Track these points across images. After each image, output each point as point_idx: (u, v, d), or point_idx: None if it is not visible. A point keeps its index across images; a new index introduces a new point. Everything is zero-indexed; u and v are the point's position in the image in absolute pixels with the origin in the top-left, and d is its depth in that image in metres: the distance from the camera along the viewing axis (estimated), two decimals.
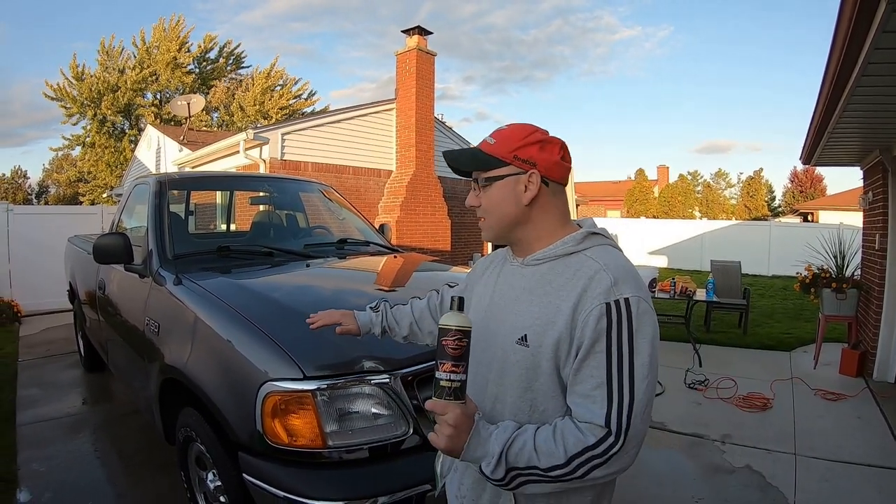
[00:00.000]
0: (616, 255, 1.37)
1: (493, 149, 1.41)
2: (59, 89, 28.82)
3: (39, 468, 4.02)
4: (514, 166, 1.39)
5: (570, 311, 1.28)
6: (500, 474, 1.24)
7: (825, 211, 27.99)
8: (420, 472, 2.23)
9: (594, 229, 1.43)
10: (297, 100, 33.43)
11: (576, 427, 1.22)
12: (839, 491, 3.68)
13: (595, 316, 1.24)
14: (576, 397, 1.26)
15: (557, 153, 1.41)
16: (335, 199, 5.18)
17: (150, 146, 17.08)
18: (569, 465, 1.20)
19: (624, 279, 1.28)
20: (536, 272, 1.41)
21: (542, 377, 1.32)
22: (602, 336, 1.23)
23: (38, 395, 5.66)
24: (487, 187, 1.43)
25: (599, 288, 1.26)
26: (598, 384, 1.22)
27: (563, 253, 1.39)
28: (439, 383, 1.27)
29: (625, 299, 1.25)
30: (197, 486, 2.98)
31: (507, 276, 1.51)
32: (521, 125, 1.44)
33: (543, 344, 1.30)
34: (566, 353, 1.28)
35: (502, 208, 1.42)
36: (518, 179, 1.39)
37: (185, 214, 4.94)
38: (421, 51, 11.88)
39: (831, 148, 6.11)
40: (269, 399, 2.22)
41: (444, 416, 1.24)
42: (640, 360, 1.23)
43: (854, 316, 6.60)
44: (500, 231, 1.46)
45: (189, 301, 2.92)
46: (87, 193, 32.39)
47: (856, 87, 3.69)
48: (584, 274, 1.31)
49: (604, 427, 1.20)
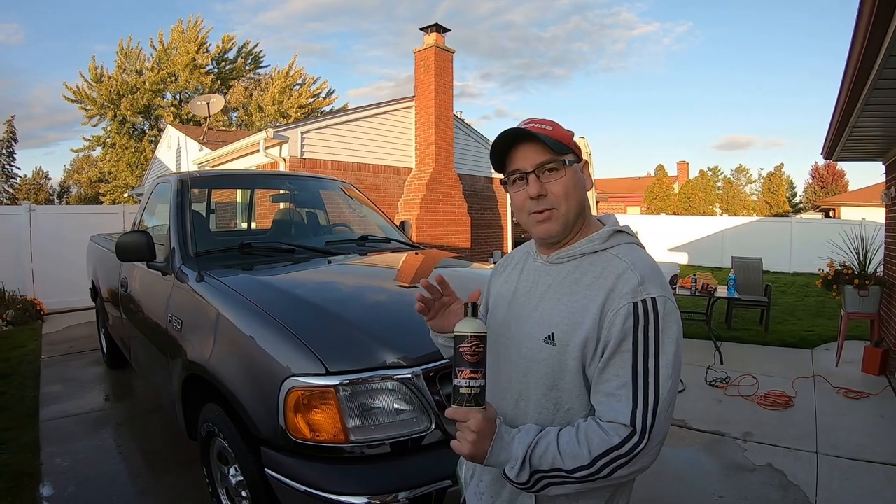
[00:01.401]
0: (641, 254, 1.37)
1: (557, 135, 1.36)
2: (78, 91, 29.10)
3: (62, 463, 4.07)
4: (574, 154, 1.38)
5: (597, 311, 1.27)
6: (524, 478, 1.24)
7: (847, 207, 27.68)
8: (441, 468, 2.22)
9: (618, 227, 1.42)
10: (316, 99, 33.50)
11: (599, 427, 1.22)
12: (862, 490, 3.64)
13: (623, 315, 1.24)
14: (600, 396, 1.26)
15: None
16: (355, 197, 5.19)
17: (170, 146, 17.20)
18: (593, 465, 1.20)
19: (650, 279, 1.28)
20: (562, 270, 1.40)
21: (567, 376, 1.31)
22: (629, 335, 1.23)
23: (60, 391, 5.73)
24: (559, 171, 1.36)
25: (627, 287, 1.26)
26: (623, 383, 1.23)
27: (589, 251, 1.38)
28: (459, 390, 1.27)
29: (652, 299, 1.24)
30: (219, 481, 3.01)
31: (530, 274, 1.49)
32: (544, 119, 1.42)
33: (571, 343, 1.29)
34: (592, 352, 1.28)
35: (578, 193, 1.38)
36: (577, 167, 1.39)
37: (206, 213, 4.98)
38: (439, 48, 11.88)
39: (853, 143, 6.04)
40: (291, 394, 2.24)
41: (467, 423, 1.24)
42: (666, 359, 1.23)
43: (877, 313, 6.51)
44: (570, 219, 1.38)
45: (211, 297, 2.94)
46: (107, 193, 32.66)
47: (877, 81, 3.65)
48: (611, 273, 1.31)
49: (628, 426, 1.20)
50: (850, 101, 4.24)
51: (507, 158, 1.42)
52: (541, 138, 1.32)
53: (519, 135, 1.37)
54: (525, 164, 1.37)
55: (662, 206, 36.46)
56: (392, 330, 2.59)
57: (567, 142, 1.36)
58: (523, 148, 1.37)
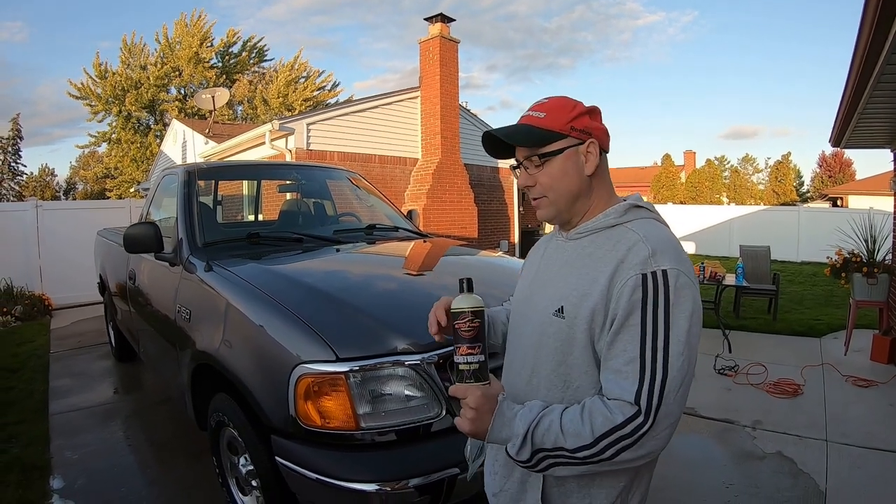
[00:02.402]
0: (658, 228, 1.32)
1: (547, 122, 1.34)
2: (83, 88, 29.22)
3: (72, 456, 4.09)
4: (572, 137, 1.34)
5: (606, 282, 1.23)
6: (525, 455, 1.21)
7: (855, 195, 27.55)
8: (452, 454, 2.22)
9: (639, 202, 1.38)
10: (321, 91, 33.51)
11: (604, 405, 1.18)
12: (871, 478, 3.63)
13: (630, 286, 1.19)
14: (608, 373, 1.22)
15: (601, 120, 1.39)
16: (363, 187, 5.19)
17: (175, 140, 17.22)
18: (595, 445, 1.16)
19: (663, 251, 1.23)
20: (578, 245, 1.37)
21: (576, 350, 1.28)
22: (637, 308, 1.18)
23: (69, 385, 5.76)
24: (547, 162, 1.36)
25: (637, 258, 1.22)
26: (630, 359, 1.18)
27: (604, 226, 1.34)
28: (458, 367, 1.27)
29: (662, 271, 1.19)
30: (229, 471, 3.02)
31: (551, 252, 1.48)
32: (561, 97, 1.39)
33: (579, 315, 1.26)
34: (601, 326, 1.24)
35: (566, 182, 1.36)
36: (577, 151, 1.35)
37: (213, 205, 4.98)
38: (444, 38, 11.82)
39: (861, 130, 6.00)
40: (301, 381, 2.24)
41: (465, 400, 1.25)
42: (677, 335, 1.17)
43: (885, 301, 6.48)
44: (563, 206, 1.39)
45: (220, 287, 2.94)
46: (114, 189, 32.78)
47: (886, 66, 3.63)
48: (622, 245, 1.26)
49: (633, 404, 1.15)
50: (858, 87, 4.21)
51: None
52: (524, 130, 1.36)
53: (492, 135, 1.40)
54: (518, 155, 1.42)
55: (669, 195, 36.36)
56: (401, 316, 2.59)
57: (558, 127, 1.33)
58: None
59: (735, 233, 18.76)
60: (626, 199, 1.40)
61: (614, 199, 1.41)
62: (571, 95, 1.39)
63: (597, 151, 1.34)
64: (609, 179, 1.42)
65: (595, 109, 1.39)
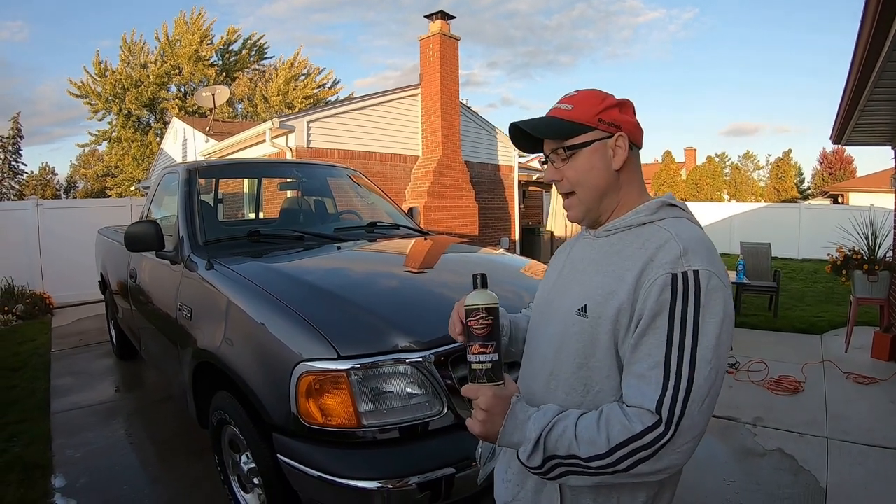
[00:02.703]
0: (690, 227, 1.26)
1: (574, 114, 1.30)
2: (83, 86, 29.22)
3: (74, 454, 4.09)
4: (599, 130, 1.29)
5: (633, 281, 1.17)
6: (536, 461, 1.16)
7: (855, 192, 27.48)
8: (453, 452, 2.24)
9: (672, 201, 1.31)
10: (321, 89, 33.52)
11: (622, 413, 1.11)
12: (872, 475, 3.63)
13: (658, 286, 1.13)
14: (630, 377, 1.15)
15: (633, 114, 1.34)
16: (363, 184, 5.19)
17: (176, 138, 17.23)
18: (610, 455, 1.09)
19: (695, 250, 1.17)
20: (606, 243, 1.32)
21: (599, 352, 1.21)
22: (664, 310, 1.12)
23: (71, 383, 5.76)
24: (574, 156, 1.31)
25: (667, 257, 1.16)
26: (654, 364, 1.11)
27: (634, 223, 1.29)
28: (471, 366, 1.23)
29: (693, 271, 1.13)
30: (230, 468, 3.02)
31: (578, 250, 1.43)
32: (592, 89, 1.35)
33: (603, 315, 1.20)
34: (626, 328, 1.17)
35: (593, 176, 1.30)
36: (605, 144, 1.29)
37: (214, 203, 4.98)
38: (444, 35, 11.79)
39: (862, 127, 6.01)
40: (303, 379, 2.24)
41: (477, 400, 1.21)
42: (705, 340, 1.10)
43: (886, 299, 6.48)
44: (591, 203, 1.33)
45: (221, 285, 2.94)
46: (114, 187, 32.80)
47: (887, 63, 3.63)
48: (652, 243, 1.21)
49: (653, 413, 1.08)
50: (858, 84, 4.21)
51: None
52: (548, 122, 1.32)
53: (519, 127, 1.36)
54: (545, 148, 1.37)
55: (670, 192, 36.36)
56: (403, 314, 2.59)
57: (586, 119, 1.28)
58: None
59: (736, 230, 18.78)
60: (658, 197, 1.34)
61: (645, 196, 1.35)
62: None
63: (626, 145, 1.29)
64: (640, 176, 1.36)
65: (626, 102, 1.34)
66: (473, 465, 2.25)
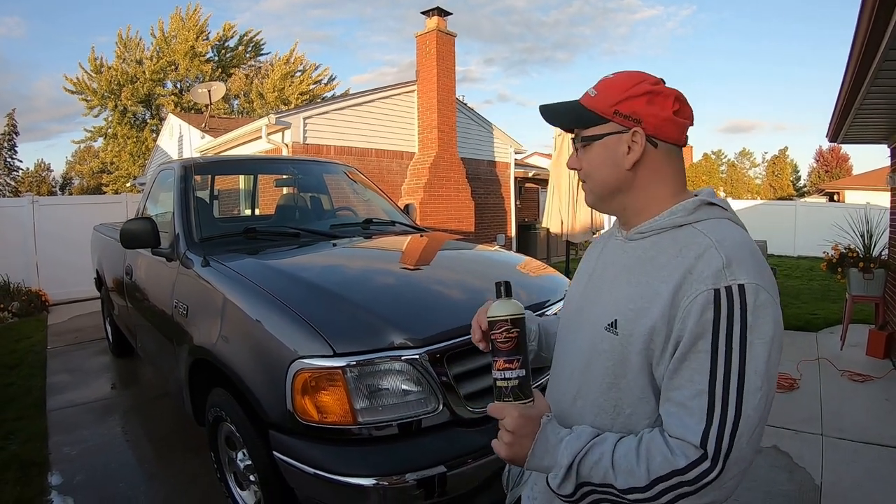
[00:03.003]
0: (733, 230, 1.12)
1: (594, 102, 1.20)
2: (78, 83, 29.09)
3: (70, 452, 4.09)
4: (614, 123, 1.17)
5: (669, 296, 1.05)
6: (568, 489, 1.07)
7: (851, 190, 27.53)
8: (449, 449, 2.26)
9: (711, 199, 1.17)
10: (317, 85, 33.44)
11: (665, 443, 1.01)
12: (867, 472, 3.64)
13: (700, 304, 1.01)
14: (670, 405, 1.04)
15: (670, 107, 1.16)
16: (359, 181, 5.19)
17: (171, 135, 17.17)
18: (651, 489, 1.00)
19: (740, 260, 1.04)
20: (638, 248, 1.19)
21: (630, 374, 1.11)
22: (707, 332, 1.00)
23: (67, 381, 5.76)
24: (587, 147, 1.22)
25: (708, 269, 1.03)
26: (697, 392, 1.00)
27: (669, 225, 1.15)
28: (496, 383, 1.14)
29: (739, 286, 1.00)
30: (227, 466, 3.02)
31: (609, 252, 1.30)
32: (630, 73, 1.21)
33: (634, 333, 1.09)
34: (661, 349, 1.06)
35: (601, 173, 1.21)
36: (619, 139, 1.17)
37: (209, 200, 4.97)
38: (441, 32, 11.79)
39: (858, 125, 6.01)
40: (299, 376, 2.24)
41: (503, 421, 1.12)
42: (754, 365, 0.98)
43: (881, 297, 6.50)
44: (601, 196, 1.25)
45: (217, 282, 2.94)
46: (110, 184, 32.67)
47: (883, 62, 3.63)
48: (691, 251, 1.07)
49: (698, 448, 0.98)
50: (855, 82, 4.21)
51: None
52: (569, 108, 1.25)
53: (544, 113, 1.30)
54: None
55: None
56: (398, 311, 2.59)
57: (601, 110, 1.18)
58: None
59: None
60: (697, 194, 1.21)
61: (682, 196, 1.20)
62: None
63: (641, 142, 1.16)
64: (672, 175, 1.20)
65: (660, 93, 1.17)
66: (469, 462, 2.26)
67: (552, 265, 4.34)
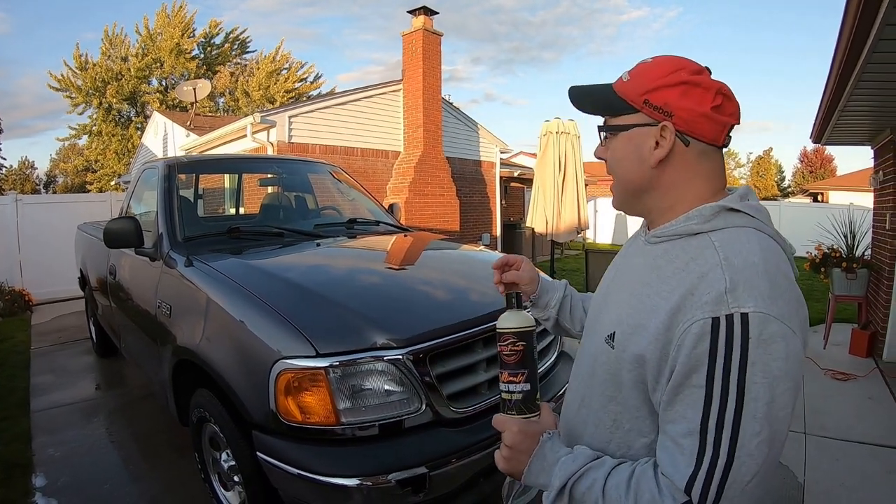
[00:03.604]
0: (750, 246, 0.97)
1: (625, 88, 1.09)
2: (63, 80, 28.91)
3: (55, 453, 4.05)
4: (643, 114, 1.06)
5: (666, 318, 0.95)
6: None
7: (835, 191, 27.80)
8: (432, 448, 2.26)
9: (735, 204, 1.03)
10: (303, 83, 33.35)
11: (655, 481, 0.93)
12: (850, 470, 3.68)
13: (694, 335, 0.89)
14: (664, 438, 0.95)
15: (709, 101, 1.03)
16: (344, 180, 5.18)
17: (156, 133, 17.08)
18: None
19: (749, 283, 0.90)
20: (652, 253, 1.09)
21: (624, 390, 1.04)
22: (702, 365, 0.89)
23: (51, 381, 5.70)
24: (612, 138, 1.12)
25: (709, 294, 0.91)
26: (689, 431, 0.90)
27: (684, 232, 1.04)
28: (501, 395, 1.12)
29: (742, 315, 0.87)
30: (211, 466, 3.01)
31: (630, 254, 1.21)
32: (670, 58, 1.09)
33: (627, 350, 1.01)
34: (655, 374, 0.97)
35: (624, 168, 1.11)
36: (647, 132, 1.06)
37: (193, 198, 4.95)
38: (427, 31, 11.79)
39: (842, 127, 6.05)
40: (282, 377, 2.23)
41: (503, 434, 1.10)
42: (753, 407, 0.86)
43: (864, 296, 6.56)
44: (623, 196, 1.16)
45: (200, 282, 2.92)
46: (94, 182, 32.45)
47: (866, 65, 3.66)
48: (696, 267, 0.96)
49: (683, 492, 0.89)
50: (839, 85, 4.24)
51: None
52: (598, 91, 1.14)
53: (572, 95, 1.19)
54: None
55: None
56: (381, 311, 2.58)
57: (632, 98, 1.07)
58: None
59: None
60: (731, 193, 1.09)
61: (718, 196, 1.08)
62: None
63: (671, 138, 1.04)
64: (706, 176, 1.09)
65: (701, 83, 1.05)
66: (453, 461, 2.27)
67: (537, 264, 4.34)
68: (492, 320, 2.67)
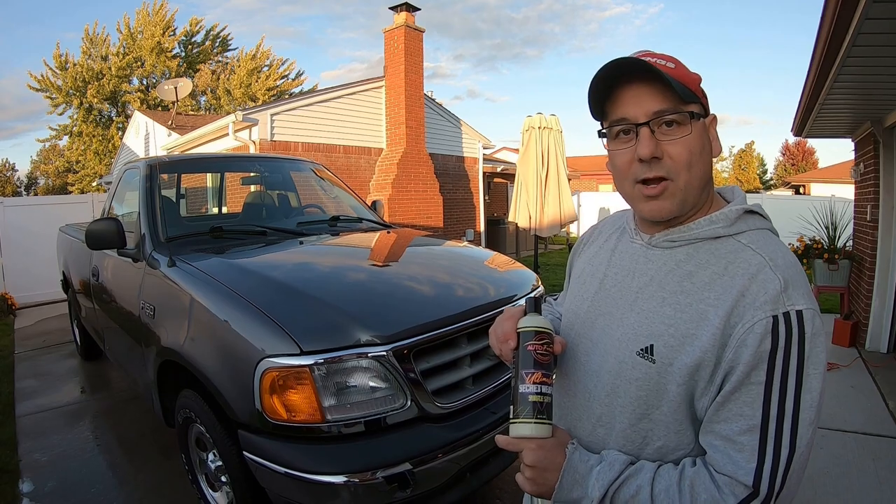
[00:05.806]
0: (781, 247, 1.01)
1: (679, 74, 1.01)
2: (43, 80, 28.56)
3: (41, 458, 4.02)
4: (701, 104, 1.03)
5: (720, 322, 0.94)
6: None
7: (817, 183, 27.98)
8: (419, 443, 2.27)
9: (749, 206, 1.05)
10: (285, 80, 33.14)
11: (711, 480, 0.92)
12: (834, 459, 3.71)
13: (757, 334, 0.90)
14: (715, 438, 0.94)
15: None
16: (327, 178, 5.18)
17: (138, 132, 16.94)
18: None
19: (796, 283, 0.94)
20: (670, 258, 1.05)
21: (666, 405, 1.00)
22: (763, 362, 0.90)
23: (35, 386, 5.66)
24: (683, 127, 1.00)
25: (765, 294, 0.92)
26: (749, 427, 0.90)
27: (709, 235, 1.03)
28: (527, 398, 1.01)
29: (797, 312, 0.91)
30: (198, 467, 3.00)
31: (625, 258, 1.15)
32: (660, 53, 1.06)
33: (676, 362, 0.97)
34: (707, 380, 0.95)
35: (704, 161, 1.03)
36: (705, 125, 1.04)
37: (176, 198, 4.92)
38: (409, 27, 11.76)
39: (823, 120, 6.10)
40: (266, 375, 2.23)
41: (522, 455, 1.01)
42: (809, 398, 0.90)
43: (846, 287, 6.65)
44: (691, 197, 1.03)
45: (184, 282, 2.91)
46: (76, 183, 32.13)
47: (846, 59, 3.68)
48: (740, 270, 0.96)
49: (749, 487, 0.89)
50: (819, 78, 4.27)
51: (608, 102, 1.06)
52: (663, 77, 0.98)
53: (630, 67, 1.01)
54: (636, 111, 1.01)
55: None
56: (365, 308, 2.58)
57: (695, 87, 1.02)
58: (635, 89, 1.02)
59: None
60: (725, 198, 1.11)
61: (714, 198, 1.10)
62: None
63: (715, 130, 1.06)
64: None
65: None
66: (439, 457, 2.28)
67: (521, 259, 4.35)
68: (476, 315, 2.68)
